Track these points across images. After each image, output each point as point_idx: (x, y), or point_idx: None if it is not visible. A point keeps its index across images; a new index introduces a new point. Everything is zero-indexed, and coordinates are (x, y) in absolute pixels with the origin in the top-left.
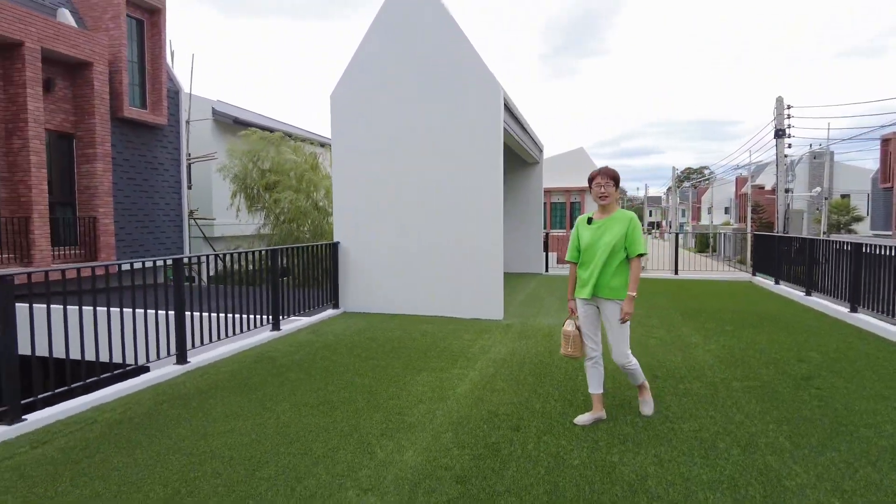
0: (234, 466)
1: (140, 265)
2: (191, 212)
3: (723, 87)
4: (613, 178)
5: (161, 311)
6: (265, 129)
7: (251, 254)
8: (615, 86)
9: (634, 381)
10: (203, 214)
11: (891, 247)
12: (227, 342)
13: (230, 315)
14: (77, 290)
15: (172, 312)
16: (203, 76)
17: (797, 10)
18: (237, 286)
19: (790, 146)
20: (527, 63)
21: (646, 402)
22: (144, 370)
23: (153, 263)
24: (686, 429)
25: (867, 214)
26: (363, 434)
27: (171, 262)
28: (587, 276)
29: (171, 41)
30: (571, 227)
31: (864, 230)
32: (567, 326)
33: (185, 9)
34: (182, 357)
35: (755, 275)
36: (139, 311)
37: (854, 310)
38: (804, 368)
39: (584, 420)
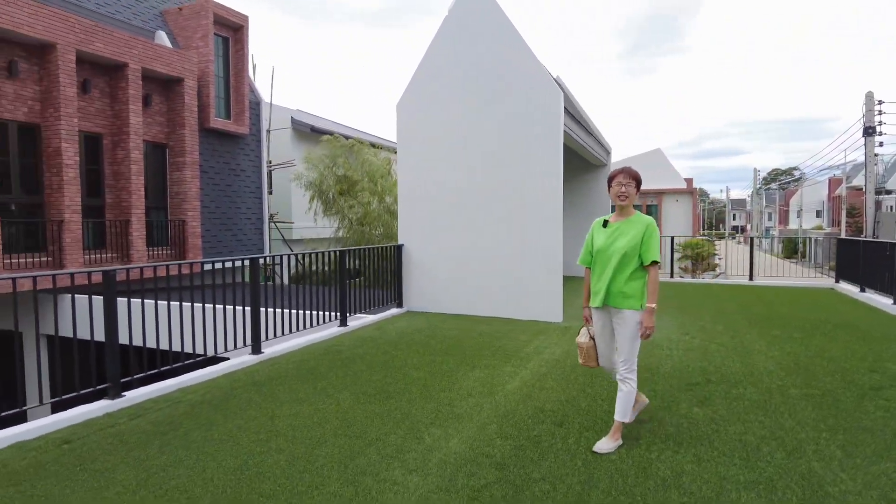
0: (296, 444)
1: (220, 265)
2: (271, 215)
3: (813, 84)
4: (635, 179)
5: (239, 307)
6: (342, 137)
7: (322, 255)
8: (695, 85)
9: (618, 412)
10: (282, 218)
11: None
12: (299, 336)
13: (302, 311)
14: (166, 287)
15: (249, 308)
16: (283, 85)
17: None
18: (311, 285)
19: (881, 144)
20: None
21: (609, 441)
22: (223, 359)
23: (232, 264)
24: (731, 431)
25: None
26: (414, 422)
27: (249, 262)
28: (599, 284)
29: (253, 55)
30: None
31: None
32: (580, 337)
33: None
34: (257, 348)
35: (839, 281)
36: (220, 307)
37: None
38: (875, 379)
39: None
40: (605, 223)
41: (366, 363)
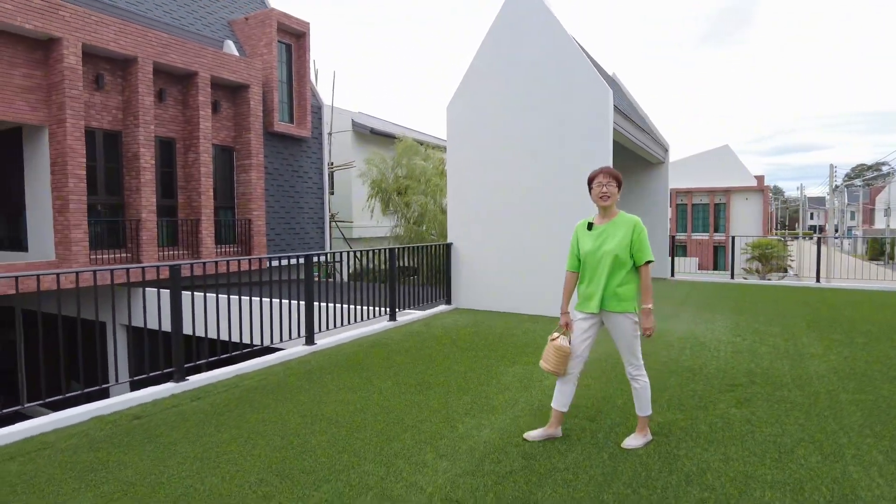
0: (339, 427)
1: (278, 262)
2: (332, 215)
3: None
4: (616, 178)
5: (295, 301)
6: (398, 138)
7: (374, 252)
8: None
9: (639, 408)
10: (343, 217)
11: None
12: (350, 329)
13: (354, 306)
14: (226, 283)
15: (303, 302)
16: (344, 86)
17: None
18: (364, 282)
19: None
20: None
21: (638, 437)
22: (279, 349)
23: (288, 261)
24: (766, 433)
25: None
26: (450, 411)
27: (304, 260)
28: (592, 288)
29: (315, 60)
30: (716, 231)
31: None
32: (562, 342)
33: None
34: (310, 339)
35: None
36: (277, 301)
37: None
38: None
39: (535, 435)
40: (590, 226)
41: (410, 356)
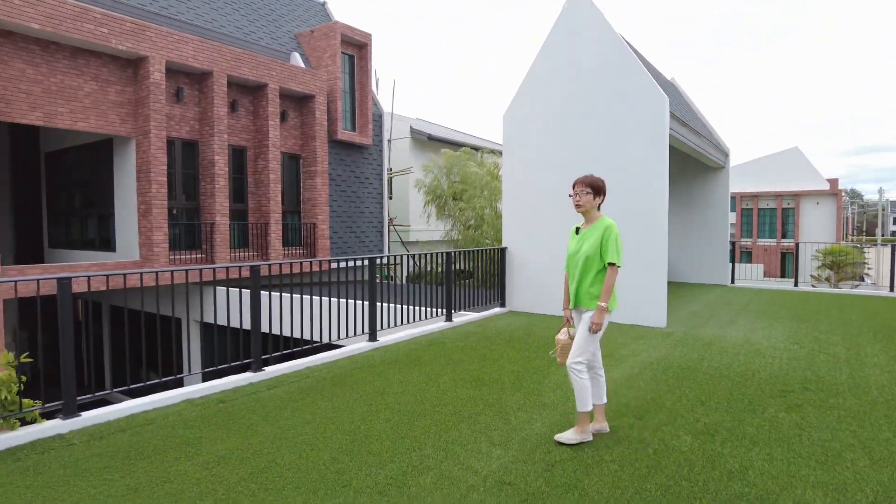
0: (400, 416)
1: (344, 264)
2: (390, 219)
3: None
4: (591, 186)
5: (360, 301)
6: (455, 144)
7: (432, 256)
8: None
9: (578, 402)
10: (400, 222)
11: None
12: (409, 328)
13: (413, 307)
14: (299, 283)
15: (367, 302)
16: (403, 91)
17: None
18: (422, 284)
19: None
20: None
21: (573, 432)
22: (340, 346)
23: (353, 263)
24: (815, 437)
25: None
26: (503, 406)
27: (368, 262)
28: (573, 287)
29: (376, 70)
30: (783, 237)
31: None
32: (560, 335)
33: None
34: (373, 336)
35: None
36: (343, 300)
37: None
38: None
39: (566, 439)
40: (577, 230)
41: (466, 354)
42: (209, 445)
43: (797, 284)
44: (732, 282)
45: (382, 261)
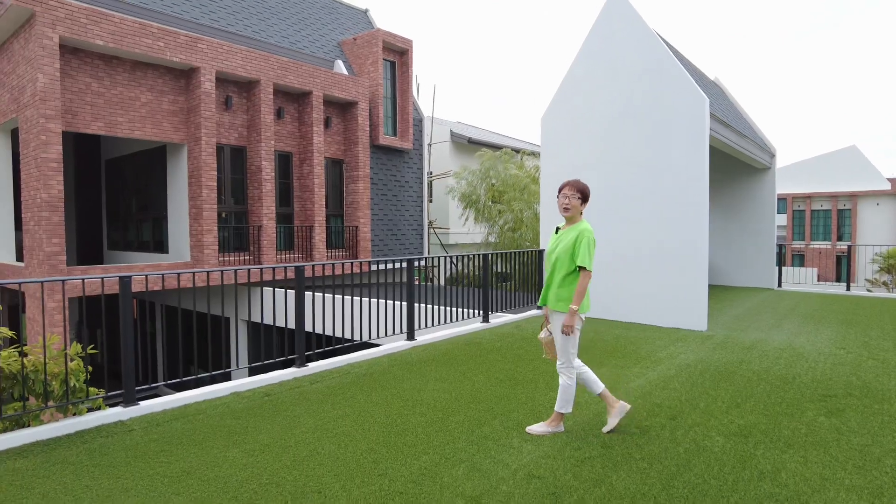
0: (435, 411)
1: (384, 266)
2: (430, 222)
3: None
4: (580, 191)
5: (399, 301)
6: (494, 147)
7: (470, 258)
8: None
9: (559, 402)
10: (440, 224)
11: None
12: (446, 328)
13: (451, 308)
14: (341, 284)
15: (406, 303)
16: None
17: None
18: (462, 286)
19: None
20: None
21: (543, 425)
22: (377, 345)
23: (393, 265)
24: (854, 442)
25: None
26: (535, 404)
27: (406, 264)
28: (546, 286)
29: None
30: (839, 239)
31: None
32: (542, 334)
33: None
34: (411, 335)
35: None
36: (382, 301)
37: None
38: None
39: (610, 426)
40: (557, 230)
41: (501, 354)
42: (255, 435)
43: (849, 288)
44: (779, 285)
45: (421, 263)
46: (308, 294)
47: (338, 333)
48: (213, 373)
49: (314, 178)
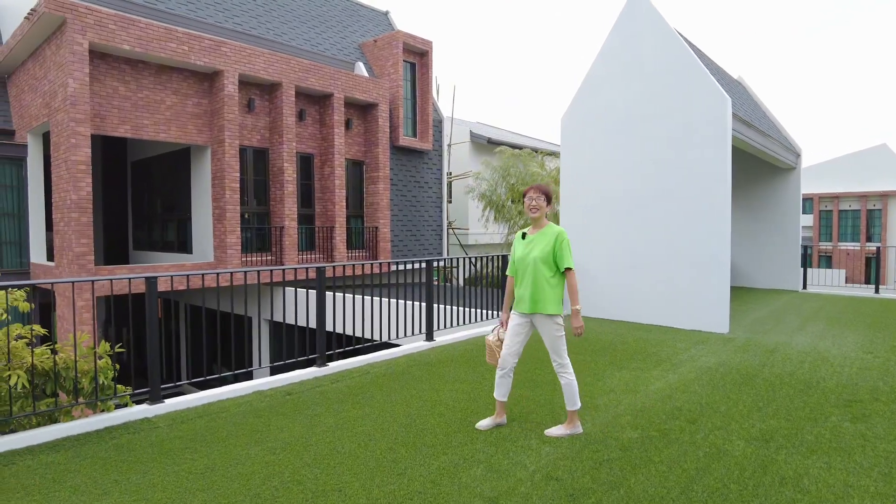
0: (454, 411)
1: (404, 266)
2: (450, 223)
3: None
4: (545, 194)
5: (418, 302)
6: (514, 146)
7: (487, 259)
8: None
9: (568, 402)
10: (459, 225)
11: None
12: (465, 328)
13: (469, 308)
14: (361, 284)
15: (425, 304)
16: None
17: None
18: (481, 286)
19: None
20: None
21: (562, 427)
22: (396, 345)
23: (412, 265)
24: (880, 448)
25: None
26: (554, 406)
27: (425, 264)
28: (523, 291)
29: (437, 77)
30: (868, 240)
31: None
32: (489, 336)
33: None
34: (430, 336)
35: None
36: (402, 301)
37: None
38: None
39: (485, 424)
40: (524, 235)
41: (521, 356)
42: (276, 433)
43: (878, 291)
44: (804, 287)
45: (440, 263)
46: (329, 294)
47: (358, 333)
48: (236, 371)
49: (335, 180)
